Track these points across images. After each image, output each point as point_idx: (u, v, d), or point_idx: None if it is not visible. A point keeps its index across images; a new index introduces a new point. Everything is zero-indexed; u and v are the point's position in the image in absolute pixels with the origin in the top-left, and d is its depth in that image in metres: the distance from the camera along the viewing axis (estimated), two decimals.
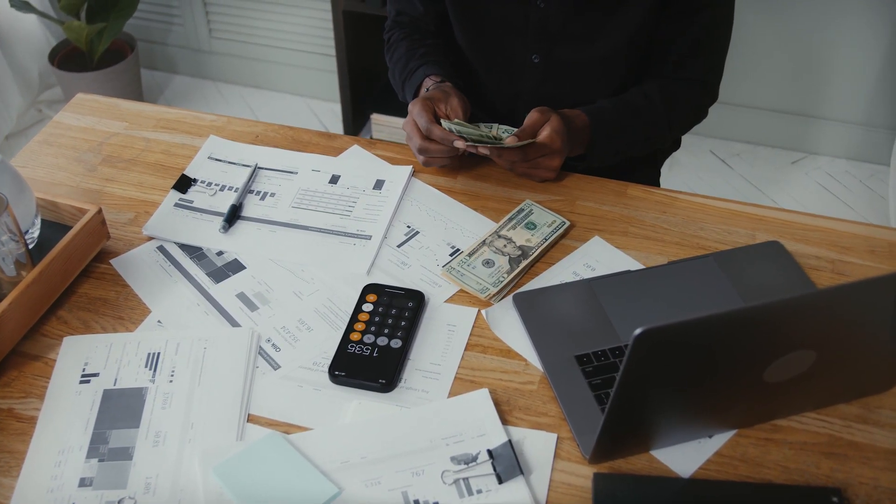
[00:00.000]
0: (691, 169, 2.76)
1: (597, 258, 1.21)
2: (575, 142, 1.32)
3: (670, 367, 0.83)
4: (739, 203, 1.29)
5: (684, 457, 0.97)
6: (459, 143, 1.23)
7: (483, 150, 1.24)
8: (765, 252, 1.20)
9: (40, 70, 2.98)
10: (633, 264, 1.20)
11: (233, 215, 1.27)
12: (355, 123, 2.87)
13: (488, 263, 1.19)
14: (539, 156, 1.27)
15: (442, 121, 1.26)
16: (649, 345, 0.78)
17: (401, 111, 2.76)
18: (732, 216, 1.27)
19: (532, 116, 1.28)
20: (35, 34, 2.93)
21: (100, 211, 1.19)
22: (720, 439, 0.99)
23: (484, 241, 1.22)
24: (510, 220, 1.25)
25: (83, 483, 0.94)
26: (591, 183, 1.33)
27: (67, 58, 2.90)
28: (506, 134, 1.29)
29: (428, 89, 1.35)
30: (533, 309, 1.12)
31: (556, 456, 0.97)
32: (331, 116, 3.02)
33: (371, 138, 2.79)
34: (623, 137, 1.38)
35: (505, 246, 1.21)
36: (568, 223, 1.24)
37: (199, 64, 3.17)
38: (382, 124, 2.84)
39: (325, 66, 3.00)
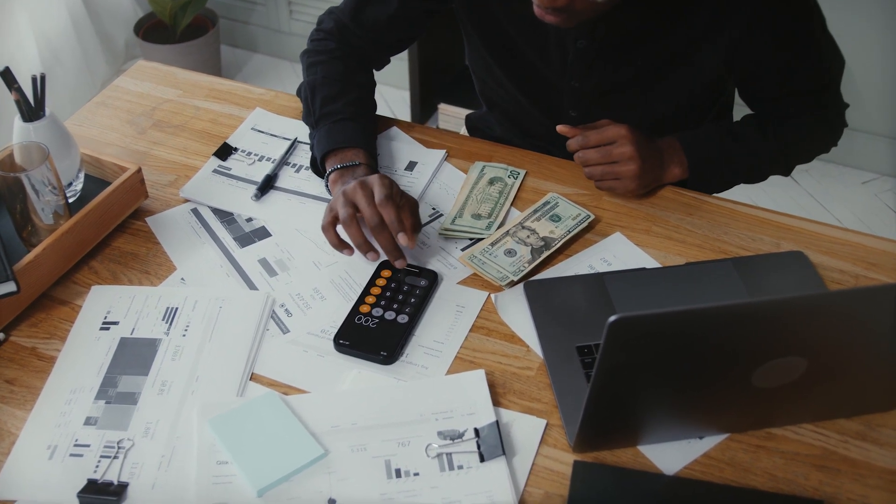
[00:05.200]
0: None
1: (614, 253, 1.21)
2: (666, 157, 1.28)
3: (649, 358, 0.84)
4: (767, 210, 1.27)
5: (671, 455, 0.96)
6: (373, 253, 1.15)
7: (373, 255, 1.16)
8: (786, 261, 1.18)
9: (126, 40, 3.10)
10: (649, 262, 1.19)
11: (266, 185, 1.31)
12: (423, 112, 2.91)
13: (510, 253, 1.20)
14: (607, 143, 1.22)
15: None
16: (625, 334, 0.78)
17: (467, 103, 2.81)
18: (759, 223, 1.25)
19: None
20: (123, 5, 3.05)
21: (139, 170, 1.24)
22: (710, 441, 0.98)
23: (507, 231, 1.23)
24: (535, 211, 1.26)
25: (88, 422, 0.99)
26: None
27: (152, 30, 3.01)
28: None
29: (357, 163, 1.23)
30: (542, 297, 1.13)
31: (542, 441, 0.98)
32: (401, 104, 3.06)
33: (437, 127, 2.82)
34: (724, 158, 1.31)
35: (528, 237, 1.22)
36: (592, 216, 1.24)
37: (277, 44, 3.25)
38: (449, 114, 2.87)
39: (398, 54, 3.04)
